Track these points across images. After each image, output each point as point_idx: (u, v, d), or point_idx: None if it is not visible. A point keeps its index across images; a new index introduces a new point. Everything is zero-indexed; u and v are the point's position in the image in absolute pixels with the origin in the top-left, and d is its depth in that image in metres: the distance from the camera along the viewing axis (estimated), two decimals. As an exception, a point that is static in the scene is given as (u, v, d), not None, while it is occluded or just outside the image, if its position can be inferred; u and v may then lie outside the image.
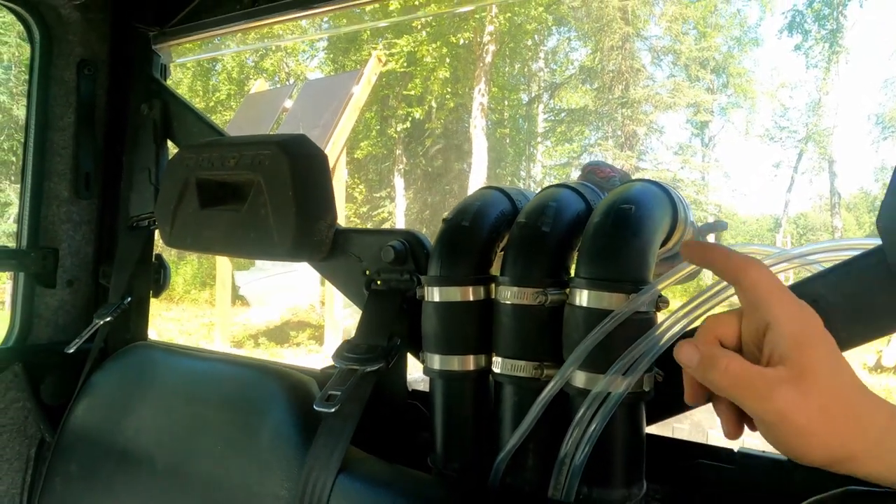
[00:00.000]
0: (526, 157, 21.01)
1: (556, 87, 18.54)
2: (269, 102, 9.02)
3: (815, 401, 0.48)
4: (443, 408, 0.81)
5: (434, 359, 0.81)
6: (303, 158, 0.96)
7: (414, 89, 14.02)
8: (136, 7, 1.30)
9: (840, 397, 0.48)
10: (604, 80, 15.14)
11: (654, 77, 15.80)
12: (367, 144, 16.24)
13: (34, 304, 1.26)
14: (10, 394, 1.21)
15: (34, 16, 1.20)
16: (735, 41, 20.83)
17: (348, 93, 8.52)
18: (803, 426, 0.48)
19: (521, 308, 0.74)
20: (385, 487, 0.77)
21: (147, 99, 1.28)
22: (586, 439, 0.67)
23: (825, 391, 0.48)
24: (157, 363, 1.13)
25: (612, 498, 0.69)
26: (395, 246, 0.92)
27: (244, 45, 13.02)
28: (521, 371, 0.74)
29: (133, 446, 1.06)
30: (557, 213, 0.77)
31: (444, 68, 13.57)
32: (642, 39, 16.72)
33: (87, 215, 1.30)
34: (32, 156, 1.24)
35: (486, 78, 13.81)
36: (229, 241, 1.02)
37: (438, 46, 12.89)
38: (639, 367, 0.66)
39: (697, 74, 17.16)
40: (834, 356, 0.50)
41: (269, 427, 0.91)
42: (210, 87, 19.32)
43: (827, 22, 20.97)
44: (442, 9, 10.10)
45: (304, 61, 19.65)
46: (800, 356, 0.49)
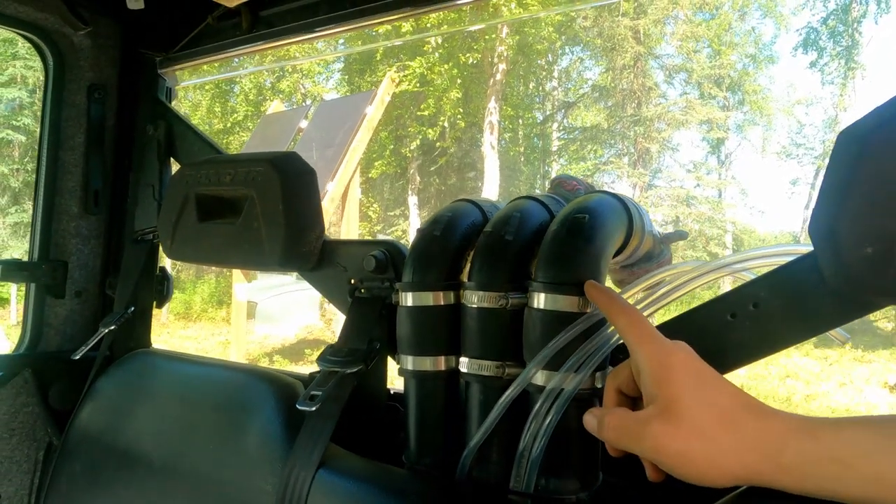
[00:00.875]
0: (541, 175, 21.07)
1: (569, 106, 18.66)
2: (285, 123, 9.18)
3: (686, 427, 0.51)
4: (416, 406, 0.86)
5: (408, 360, 0.86)
6: (292, 175, 1.02)
7: (427, 109, 14.20)
8: (143, 34, 1.38)
9: (714, 418, 0.51)
10: (616, 98, 15.23)
11: (666, 95, 15.88)
12: (381, 164, 16.42)
13: (44, 314, 1.33)
14: (20, 399, 1.28)
15: (48, 43, 1.28)
16: (750, 58, 20.82)
17: (362, 113, 8.64)
18: (682, 452, 0.51)
19: (485, 311, 0.79)
20: (360, 481, 0.82)
21: (152, 120, 1.36)
22: (542, 433, 0.72)
23: (695, 416, 0.51)
24: (157, 369, 1.19)
25: (568, 488, 0.74)
26: (376, 255, 0.98)
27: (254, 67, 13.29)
28: (486, 370, 0.79)
29: (133, 447, 1.12)
30: (521, 223, 0.82)
31: (456, 88, 13.76)
32: (654, 58, 16.82)
33: (95, 230, 1.38)
34: (45, 174, 1.32)
35: (496, 97, 13.97)
36: (225, 253, 1.08)
37: (450, 67, 13.09)
38: (589, 364, 0.71)
39: (710, 92, 17.19)
40: (699, 381, 0.53)
41: (256, 426, 0.96)
42: (228, 109, 19.64)
43: (842, 38, 20.90)
44: (453, 27, 10.27)
45: (320, 82, 19.94)
46: (662, 391, 0.53)
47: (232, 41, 1.30)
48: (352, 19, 1.16)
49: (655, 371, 0.54)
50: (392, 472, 0.84)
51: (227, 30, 1.30)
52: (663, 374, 0.53)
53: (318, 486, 0.83)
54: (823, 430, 0.48)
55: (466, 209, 0.91)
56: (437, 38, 10.80)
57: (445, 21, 10.39)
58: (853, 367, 11.82)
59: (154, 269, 1.36)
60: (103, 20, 1.34)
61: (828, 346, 13.23)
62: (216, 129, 19.80)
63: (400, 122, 16.36)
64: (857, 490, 0.46)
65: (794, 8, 21.90)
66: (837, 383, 10.91)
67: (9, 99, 18.23)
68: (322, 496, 0.83)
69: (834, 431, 0.48)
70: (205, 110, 19.88)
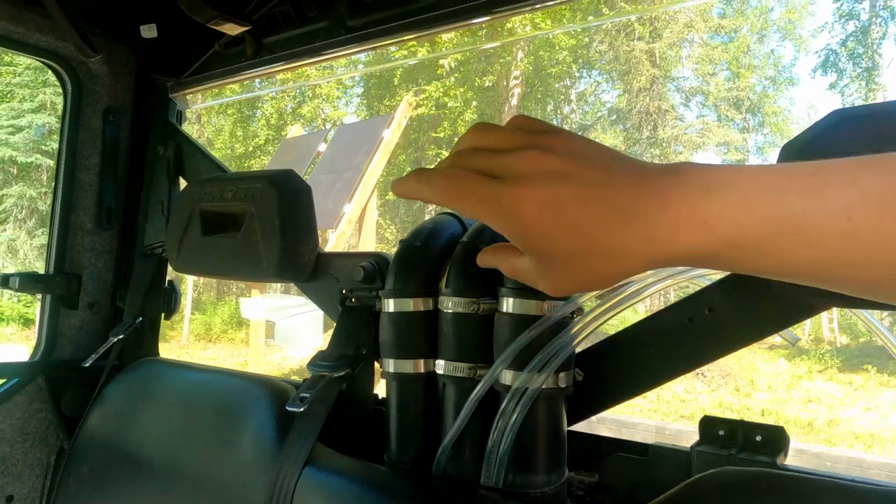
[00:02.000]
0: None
1: (586, 129, 18.78)
2: (304, 147, 9.36)
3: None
4: (396, 407, 0.91)
5: (389, 363, 0.91)
6: (288, 191, 1.08)
7: (443, 132, 14.40)
8: (156, 60, 1.47)
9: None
10: (633, 120, 15.30)
11: (683, 117, 15.92)
12: (398, 186, 16.61)
13: (58, 324, 1.40)
14: (33, 405, 1.35)
15: (67, 70, 1.37)
16: (770, 81, 20.81)
17: (379, 136, 8.77)
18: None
19: (459, 316, 0.84)
20: (342, 478, 0.86)
21: (163, 141, 1.44)
22: (509, 429, 0.77)
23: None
24: (162, 376, 1.26)
25: (534, 483, 0.78)
26: (365, 266, 1.03)
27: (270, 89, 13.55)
28: (460, 372, 0.84)
29: (137, 450, 1.17)
30: (495, 234, 0.87)
31: (471, 111, 13.95)
32: (671, 80, 16.89)
33: (108, 245, 1.45)
34: (62, 192, 1.40)
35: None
36: (226, 265, 1.15)
37: (465, 90, 13.29)
38: (552, 364, 0.75)
39: (727, 114, 17.20)
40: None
41: (250, 428, 1.01)
42: (250, 133, 20.02)
43: (862, 60, 20.81)
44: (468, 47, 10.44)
45: (339, 107, 20.27)
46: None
47: (238, 66, 1.38)
48: (349, 44, 1.23)
49: (515, 234, 0.42)
50: (373, 469, 0.88)
51: (233, 56, 1.38)
52: (522, 235, 0.42)
53: (303, 482, 0.88)
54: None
55: (447, 221, 0.96)
56: (452, 63, 10.97)
57: (460, 43, 10.58)
58: (879, 392, 11.59)
59: (162, 281, 1.43)
60: (119, 48, 1.42)
61: (853, 370, 12.98)
62: (238, 153, 20.17)
63: (418, 145, 16.56)
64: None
65: (813, 30, 21.86)
66: (862, 408, 10.70)
67: (38, 125, 18.77)
68: (307, 492, 0.87)
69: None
70: (227, 134, 20.29)
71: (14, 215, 18.99)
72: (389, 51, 8.58)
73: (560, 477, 0.79)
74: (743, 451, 0.74)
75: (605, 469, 0.82)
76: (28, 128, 18.73)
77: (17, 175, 19.68)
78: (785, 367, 13.73)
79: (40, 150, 18.93)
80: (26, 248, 18.62)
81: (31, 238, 18.71)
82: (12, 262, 18.65)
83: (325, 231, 9.88)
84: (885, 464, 6.05)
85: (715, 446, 0.75)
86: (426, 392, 0.90)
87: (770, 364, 13.90)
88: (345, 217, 8.24)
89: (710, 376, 11.83)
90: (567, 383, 0.78)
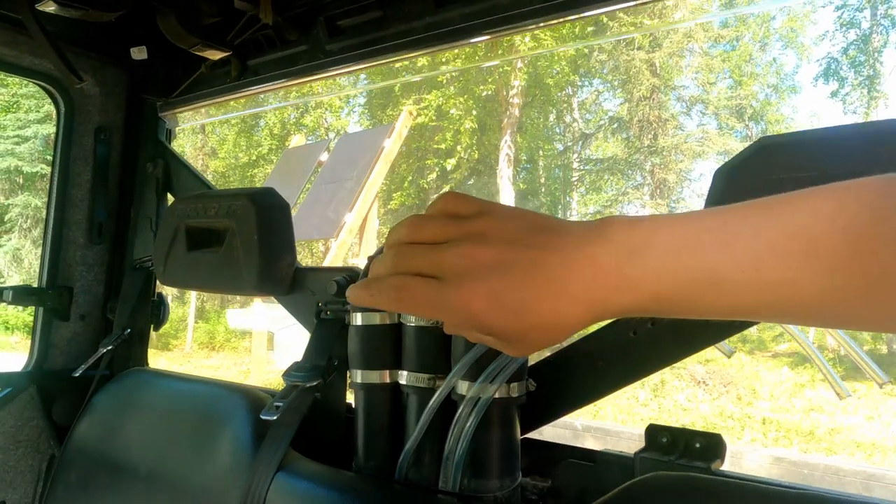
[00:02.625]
0: (562, 205, 21.18)
1: (587, 138, 18.84)
2: (306, 157, 9.43)
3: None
4: (363, 416, 0.96)
5: (357, 374, 0.96)
6: (267, 208, 1.13)
7: (444, 142, 14.50)
8: (146, 81, 1.53)
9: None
10: (633, 129, 15.37)
11: (683, 126, 15.99)
12: (399, 195, 16.70)
13: (50, 335, 1.46)
14: (25, 413, 1.40)
15: (60, 91, 1.43)
16: (772, 89, 20.84)
17: (380, 146, 8.84)
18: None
19: (420, 329, 0.89)
20: (311, 483, 0.91)
21: (152, 159, 1.49)
22: (464, 437, 0.81)
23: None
24: (148, 386, 1.31)
25: (488, 488, 0.82)
26: (338, 280, 1.08)
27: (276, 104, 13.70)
28: (421, 382, 0.89)
29: (123, 457, 1.22)
30: (455, 251, 0.92)
31: (471, 119, 14.06)
32: (671, 90, 16.96)
33: (99, 258, 1.50)
34: (55, 207, 1.45)
35: (511, 130, 14.22)
36: (209, 279, 1.20)
37: (465, 100, 13.40)
38: (503, 375, 0.80)
39: (728, 123, 17.25)
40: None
41: (227, 435, 1.06)
42: (253, 143, 20.14)
43: (863, 68, 20.84)
44: (469, 62, 10.53)
45: (342, 116, 20.40)
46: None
47: (223, 87, 1.43)
48: (328, 67, 1.29)
49: (465, 324, 0.46)
50: (341, 474, 0.93)
51: (219, 77, 1.44)
52: (473, 323, 0.45)
53: (275, 487, 0.93)
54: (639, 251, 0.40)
55: (414, 238, 1.01)
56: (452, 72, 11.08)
57: (461, 53, 10.66)
58: (882, 401, 11.56)
59: (150, 294, 1.48)
60: (111, 69, 1.48)
61: (856, 379, 12.96)
62: (242, 163, 20.29)
63: (418, 154, 16.66)
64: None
65: (814, 38, 21.90)
66: (864, 417, 10.68)
67: (43, 135, 18.93)
68: (278, 496, 0.92)
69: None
70: (231, 144, 20.42)
71: (19, 225, 19.13)
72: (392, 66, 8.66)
73: (513, 482, 0.83)
74: (682, 457, 0.78)
75: (556, 474, 0.87)
76: (34, 138, 18.89)
77: (22, 185, 19.84)
78: (788, 375, 13.71)
79: (45, 160, 19.09)
80: (31, 257, 18.74)
81: (35, 247, 18.83)
82: (17, 272, 18.77)
83: (328, 241, 9.92)
84: (883, 475, 6.05)
85: (658, 453, 0.80)
86: (391, 401, 0.94)
87: (773, 373, 13.88)
88: (346, 226, 8.29)
89: (711, 384, 11.81)
90: (520, 393, 0.83)
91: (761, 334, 19.58)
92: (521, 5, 1.03)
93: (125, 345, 1.42)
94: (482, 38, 1.10)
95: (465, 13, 1.08)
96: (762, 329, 19.81)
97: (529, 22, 1.04)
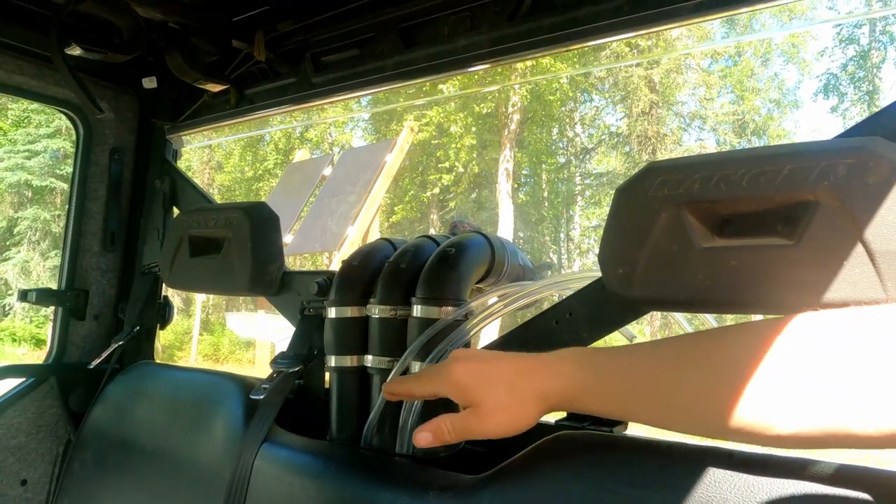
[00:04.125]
0: (565, 219, 21.36)
1: (587, 152, 19.09)
2: (309, 171, 9.62)
3: (489, 411, 0.74)
4: (336, 394, 1.13)
5: (331, 359, 1.13)
6: (259, 220, 1.31)
7: (446, 159, 14.81)
8: (155, 106, 1.71)
9: (502, 394, 0.73)
10: (632, 144, 15.61)
11: (681, 141, 16.20)
12: (401, 209, 16.96)
13: (68, 332, 1.63)
14: (46, 401, 1.57)
15: (80, 117, 1.62)
16: (774, 104, 21.05)
17: (382, 161, 9.01)
18: (498, 424, 0.74)
19: (383, 321, 1.07)
20: (291, 450, 1.08)
21: (160, 176, 1.68)
22: (414, 408, 0.98)
23: (490, 402, 0.73)
24: (155, 377, 1.48)
25: (435, 450, 0.99)
26: (319, 282, 1.26)
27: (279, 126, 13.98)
28: (384, 365, 1.06)
29: (132, 439, 1.39)
30: (413, 255, 1.10)
31: (470, 136, 14.36)
32: (669, 106, 17.19)
33: (112, 264, 1.69)
34: (73, 219, 1.64)
35: (511, 146, 14.48)
36: (209, 282, 1.38)
37: (465, 116, 13.70)
38: (446, 356, 0.97)
39: (725, 138, 17.50)
40: (479, 378, 0.74)
41: (222, 414, 1.23)
42: (259, 157, 20.44)
43: (863, 84, 21.04)
44: (468, 88, 10.77)
45: (347, 131, 20.69)
46: (465, 400, 0.76)
47: (224, 113, 1.62)
48: (314, 98, 1.47)
49: (454, 393, 0.76)
50: (317, 444, 1.10)
51: (220, 104, 1.62)
52: (459, 392, 0.75)
53: (261, 456, 1.10)
54: (592, 364, 0.69)
55: (381, 245, 1.19)
56: (451, 89, 11.33)
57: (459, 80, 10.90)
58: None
59: (157, 296, 1.66)
60: (125, 97, 1.67)
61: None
62: (247, 176, 20.58)
63: (420, 169, 16.91)
64: (636, 407, 0.66)
65: (815, 54, 22.08)
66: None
67: (53, 149, 19.27)
68: (263, 463, 1.09)
69: (605, 360, 0.69)
70: (237, 158, 20.72)
71: (28, 237, 19.42)
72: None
73: (456, 445, 1.00)
74: (594, 424, 0.95)
75: (494, 441, 1.03)
76: (44, 152, 19.23)
77: (31, 198, 20.16)
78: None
79: (55, 173, 19.42)
80: (39, 269, 19.01)
81: (44, 259, 19.10)
82: (25, 283, 19.03)
83: (331, 253, 10.11)
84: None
85: (574, 422, 0.97)
86: (359, 381, 1.12)
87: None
88: (348, 239, 8.45)
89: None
90: (461, 372, 1.00)
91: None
92: (475, 48, 1.21)
93: (134, 341, 1.60)
94: (445, 75, 1.29)
95: (429, 53, 1.27)
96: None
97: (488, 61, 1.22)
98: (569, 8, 1.07)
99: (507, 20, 1.14)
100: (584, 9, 1.05)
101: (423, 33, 1.27)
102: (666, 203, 0.81)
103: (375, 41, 1.33)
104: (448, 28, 1.23)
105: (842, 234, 0.68)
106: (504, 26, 1.15)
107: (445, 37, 1.23)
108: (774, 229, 0.73)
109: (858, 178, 0.68)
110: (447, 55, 1.24)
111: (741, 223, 0.77)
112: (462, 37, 1.21)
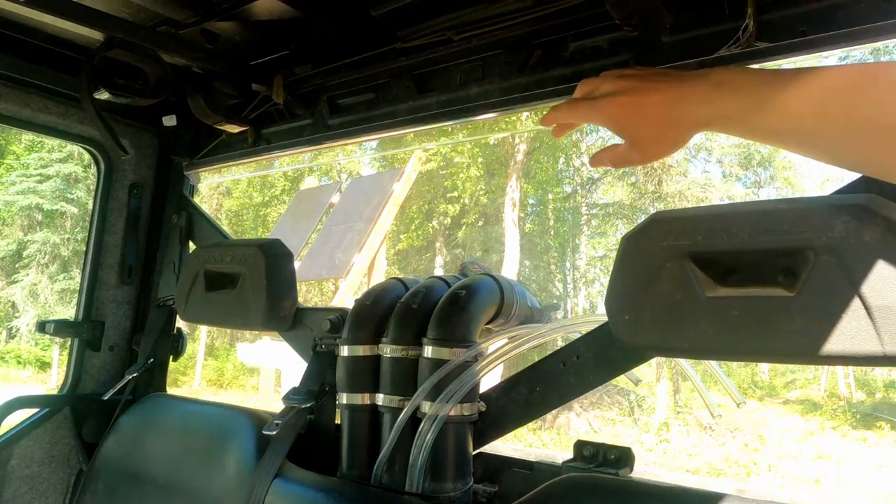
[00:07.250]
0: (571, 248, 21.38)
1: (593, 182, 19.20)
2: (317, 199, 9.70)
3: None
4: (347, 432, 1.15)
5: (343, 396, 1.16)
6: (273, 256, 1.35)
7: (454, 189, 14.92)
8: (174, 144, 1.77)
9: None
10: (637, 175, 15.68)
11: (686, 173, 16.27)
12: (407, 237, 17.04)
13: (83, 363, 1.67)
14: (59, 432, 1.60)
15: (101, 153, 1.67)
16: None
17: (390, 189, 9.08)
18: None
19: (394, 360, 1.10)
20: (302, 486, 1.10)
21: (177, 211, 1.72)
22: (425, 447, 1.01)
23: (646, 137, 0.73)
24: (167, 409, 1.51)
25: (445, 489, 1.01)
26: (332, 319, 1.29)
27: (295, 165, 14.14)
28: (395, 403, 1.09)
29: (144, 470, 1.41)
30: (425, 296, 1.13)
31: (477, 166, 14.49)
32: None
33: (128, 297, 1.72)
34: (91, 252, 1.68)
35: (517, 176, 14.60)
36: (224, 316, 1.41)
37: (472, 146, 13.85)
38: (457, 396, 1.00)
39: (731, 170, 17.60)
40: (636, 113, 0.72)
41: (234, 448, 1.26)
42: (267, 183, 20.60)
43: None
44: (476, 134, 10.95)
45: (355, 157, 20.86)
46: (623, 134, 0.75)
47: (241, 152, 1.67)
48: (329, 140, 1.52)
49: (610, 126, 0.74)
50: (328, 480, 1.12)
51: (237, 143, 1.67)
52: (614, 126, 0.74)
53: (272, 491, 1.12)
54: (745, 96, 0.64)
55: (393, 285, 1.23)
56: (461, 134, 11.52)
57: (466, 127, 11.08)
58: (892, 449, 11.47)
59: (171, 329, 1.69)
60: (145, 135, 1.73)
61: (867, 427, 12.87)
62: (255, 203, 20.74)
63: (428, 198, 17.03)
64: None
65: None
66: (875, 465, 10.59)
67: (65, 174, 19.49)
68: (275, 499, 1.11)
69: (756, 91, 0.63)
70: (245, 184, 20.89)
71: (37, 260, 19.54)
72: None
73: (465, 485, 1.02)
74: (600, 465, 0.97)
75: (502, 481, 1.06)
76: (55, 176, 19.45)
77: (41, 221, 20.33)
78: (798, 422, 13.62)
79: (65, 197, 19.62)
80: (47, 292, 19.10)
81: (52, 283, 19.20)
82: (32, 306, 19.11)
83: (337, 280, 10.14)
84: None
85: (581, 462, 0.99)
86: (370, 419, 1.14)
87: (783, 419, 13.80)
88: (355, 267, 8.49)
89: (717, 430, 11.76)
90: (471, 412, 1.03)
91: (773, 381, 19.41)
92: (485, 96, 1.25)
93: (147, 373, 1.63)
94: (456, 122, 1.33)
95: (441, 100, 1.31)
96: (774, 376, 19.63)
97: (497, 109, 1.26)
98: (576, 61, 1.12)
99: (517, 70, 1.19)
100: (588, 63, 1.10)
101: (435, 80, 1.32)
102: (671, 253, 0.84)
103: (389, 86, 1.38)
104: (460, 76, 1.28)
105: (840, 288, 0.71)
106: (514, 76, 1.20)
107: (457, 84, 1.28)
108: (775, 280, 0.76)
109: (856, 235, 0.71)
110: (459, 102, 1.29)
111: (744, 273, 0.80)
112: (473, 85, 1.26)
